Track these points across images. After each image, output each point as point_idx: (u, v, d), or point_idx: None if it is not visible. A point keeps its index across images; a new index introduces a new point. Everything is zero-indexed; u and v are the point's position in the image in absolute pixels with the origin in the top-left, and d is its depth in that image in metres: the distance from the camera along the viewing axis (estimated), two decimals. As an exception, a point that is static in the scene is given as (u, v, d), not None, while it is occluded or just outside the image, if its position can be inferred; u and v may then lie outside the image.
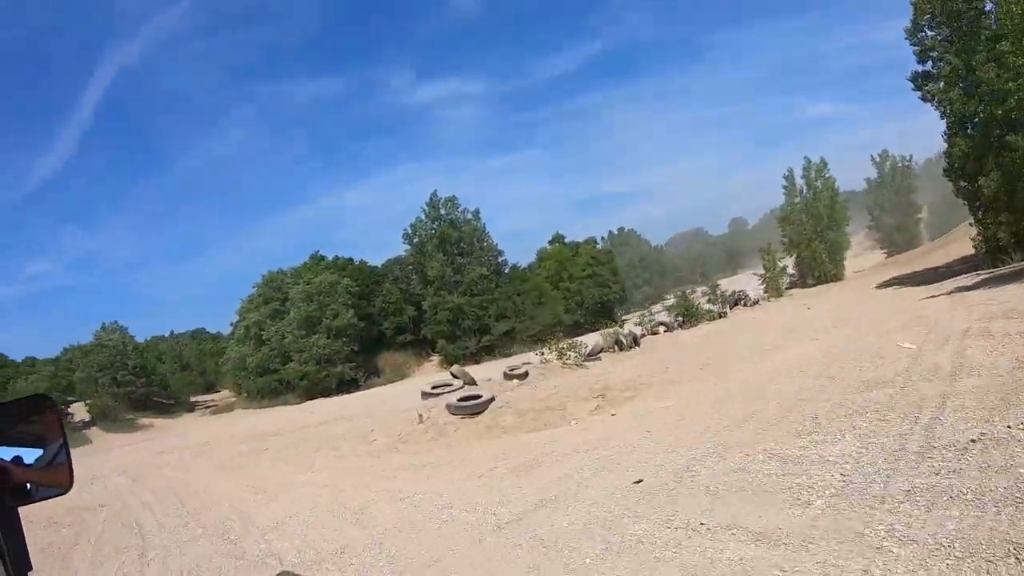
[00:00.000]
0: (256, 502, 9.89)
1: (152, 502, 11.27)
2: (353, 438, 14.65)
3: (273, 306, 41.76)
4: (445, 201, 44.99)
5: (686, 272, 59.75)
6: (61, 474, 1.39)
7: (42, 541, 9.52)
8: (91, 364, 42.21)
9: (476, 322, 43.76)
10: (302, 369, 40.08)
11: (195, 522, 9.27)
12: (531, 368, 17.39)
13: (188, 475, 13.87)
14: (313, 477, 11.23)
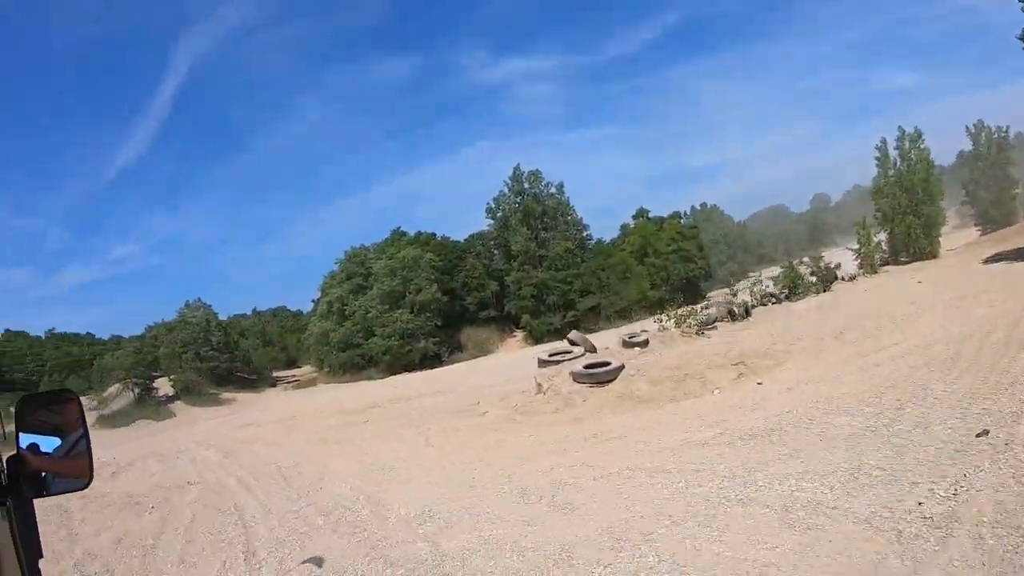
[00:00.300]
0: (380, 481, 8.03)
1: (250, 480, 9.56)
2: (457, 411, 13.24)
3: (356, 281, 40.82)
4: (529, 175, 43.19)
5: (769, 249, 56.64)
6: (79, 466, 1.35)
7: (119, 528, 7.83)
8: (175, 340, 42.17)
9: (561, 297, 41.97)
10: (385, 344, 39.05)
11: (310, 507, 7.43)
12: (650, 336, 15.85)
13: (284, 450, 12.25)
14: (437, 452, 9.54)
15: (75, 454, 1.38)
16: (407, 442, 10.74)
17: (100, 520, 8.18)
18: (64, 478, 1.35)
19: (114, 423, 39.44)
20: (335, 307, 40.44)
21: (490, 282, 42.25)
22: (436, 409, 14.25)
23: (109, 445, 28.69)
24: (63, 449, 1.37)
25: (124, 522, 8.03)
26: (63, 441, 1.38)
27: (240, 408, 38.56)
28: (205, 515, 7.88)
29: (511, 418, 11.25)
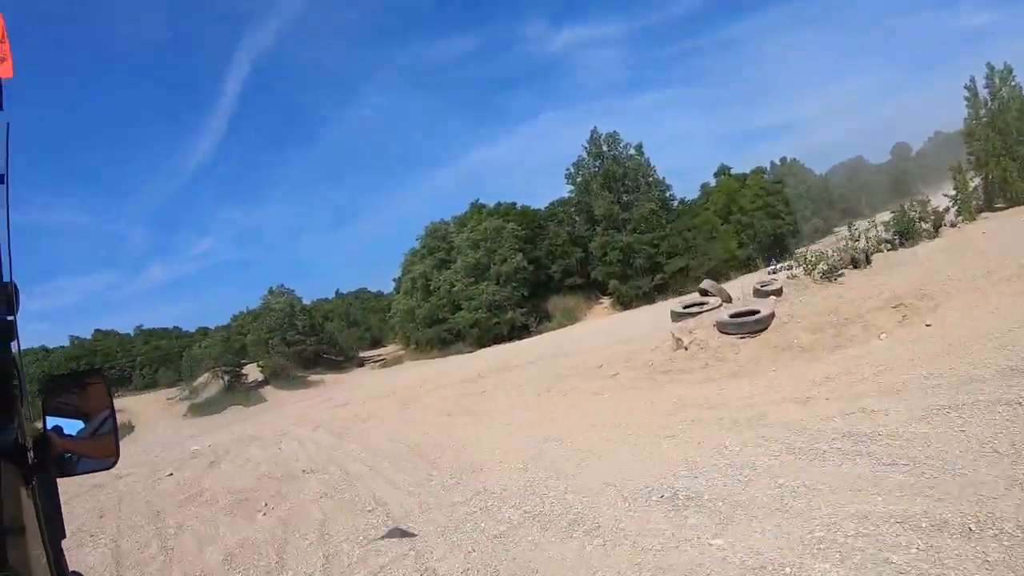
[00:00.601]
0: (556, 458, 6.04)
1: (382, 465, 7.64)
2: (580, 375, 11.84)
3: (439, 256, 40.04)
4: (607, 137, 41.60)
5: (852, 203, 53.65)
6: (105, 446, 1.38)
7: (228, 538, 5.94)
8: (261, 327, 42.20)
9: (648, 260, 40.34)
10: (472, 317, 38.16)
11: (481, 495, 5.42)
12: (782, 285, 14.44)
13: (407, 427, 10.65)
14: (588, 418, 7.78)
15: (100, 434, 1.40)
16: (542, 409, 9.36)
17: (202, 527, 6.48)
18: (90, 458, 1.36)
19: (205, 411, 39.75)
20: (419, 283, 39.74)
21: (574, 249, 40.88)
22: (553, 374, 12.87)
23: (202, 433, 28.22)
24: (88, 430, 1.38)
25: (233, 529, 6.12)
26: (89, 422, 1.39)
27: (329, 389, 38.24)
28: (339, 515, 5.89)
29: (650, 377, 9.98)
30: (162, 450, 19.56)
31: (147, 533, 6.57)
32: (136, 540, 6.42)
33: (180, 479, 9.03)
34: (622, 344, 14.56)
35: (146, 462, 12.82)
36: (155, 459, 13.04)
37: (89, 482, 10.02)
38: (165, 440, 29.26)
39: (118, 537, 6.55)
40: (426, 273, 39.54)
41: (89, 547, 6.39)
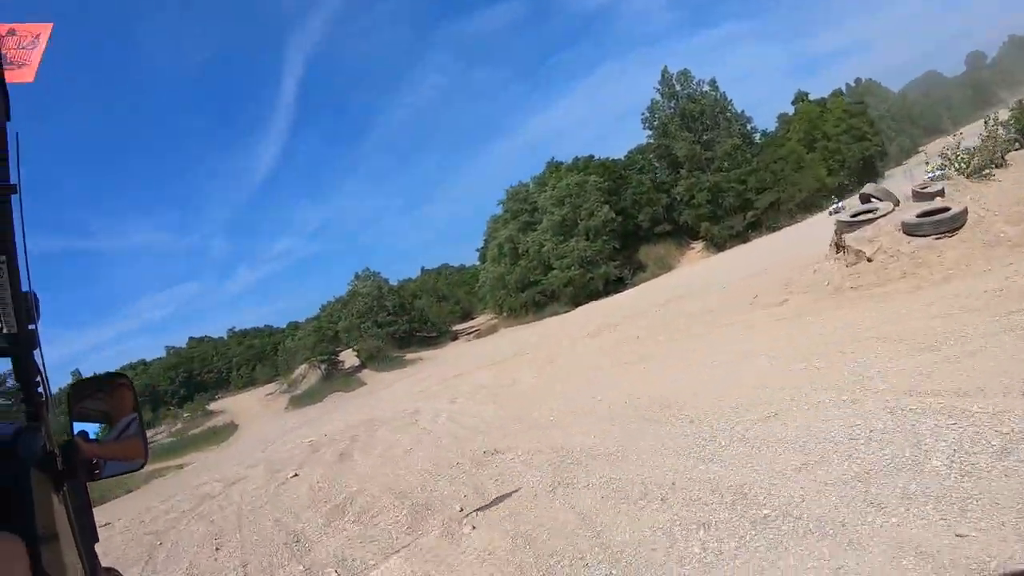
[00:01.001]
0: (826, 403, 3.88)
1: (610, 430, 5.05)
2: (734, 309, 10.42)
3: (523, 219, 39.35)
4: (678, 76, 40.10)
5: (933, 119, 50.88)
6: (133, 448, 1.39)
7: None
8: (351, 312, 42.37)
9: (737, 198, 38.86)
10: (565, 275, 37.40)
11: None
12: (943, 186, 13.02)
13: (578, 381, 8.63)
14: (795, 357, 5.42)
15: (127, 436, 1.40)
16: (729, 344, 7.48)
17: (382, 562, 3.80)
18: (118, 461, 1.36)
19: (305, 402, 40.10)
20: (506, 248, 39.16)
21: (659, 196, 39.68)
22: (700, 312, 11.53)
23: (306, 423, 27.26)
24: (114, 434, 1.39)
25: (446, 566, 3.41)
26: (115, 428, 1.39)
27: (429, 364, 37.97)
28: (619, 515, 3.28)
29: (834, 296, 8.60)
30: (270, 444, 18.32)
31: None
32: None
33: (311, 481, 6.92)
34: (760, 275, 13.35)
35: (260, 460, 11.71)
36: (268, 456, 11.74)
37: (196, 492, 9.22)
38: (270, 434, 29.20)
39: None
40: (512, 237, 38.93)
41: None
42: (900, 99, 49.59)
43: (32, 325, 1.32)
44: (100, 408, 1.41)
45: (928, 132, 49.70)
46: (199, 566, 5.06)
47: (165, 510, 8.60)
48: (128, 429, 1.41)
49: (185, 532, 6.53)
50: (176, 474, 24.79)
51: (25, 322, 1.30)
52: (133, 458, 1.39)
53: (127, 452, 1.39)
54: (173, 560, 5.52)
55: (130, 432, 1.41)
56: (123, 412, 1.42)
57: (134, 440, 1.41)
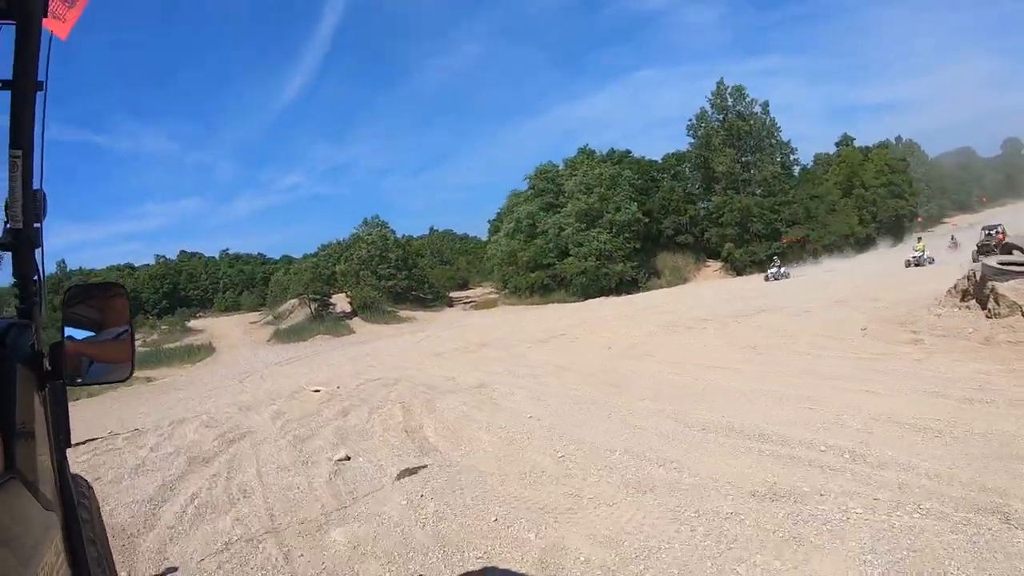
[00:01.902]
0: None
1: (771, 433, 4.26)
2: (837, 337, 8.90)
3: (547, 199, 38.35)
4: (732, 90, 39.30)
5: (963, 193, 50.69)
6: (121, 354, 1.36)
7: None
8: (352, 257, 41.09)
9: (766, 226, 38.14)
10: (581, 265, 36.43)
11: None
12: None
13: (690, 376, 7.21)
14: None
15: (117, 341, 1.37)
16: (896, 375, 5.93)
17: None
18: (104, 364, 1.33)
19: (290, 338, 38.65)
20: (524, 224, 38.12)
21: (688, 206, 38.87)
22: (797, 332, 9.87)
23: (291, 360, 25.84)
24: (104, 338, 1.36)
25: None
26: (106, 334, 1.36)
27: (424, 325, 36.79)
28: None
29: (988, 348, 6.83)
30: (259, 380, 16.75)
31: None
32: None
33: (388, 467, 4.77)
34: (836, 307, 12.24)
35: (249, 404, 9.33)
36: (269, 407, 8.55)
37: (185, 454, 5.98)
38: (252, 365, 28.02)
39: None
40: (533, 214, 37.90)
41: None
42: (936, 167, 49.29)
43: (37, 224, 1.32)
44: (92, 315, 1.36)
45: (956, 205, 49.53)
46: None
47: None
48: (119, 337, 1.36)
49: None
50: (143, 387, 23.06)
51: (31, 220, 1.29)
52: (120, 363, 1.35)
53: (114, 357, 1.35)
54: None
55: (119, 341, 1.36)
56: (115, 322, 1.37)
57: (123, 347, 1.36)
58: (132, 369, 1.37)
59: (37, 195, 1.30)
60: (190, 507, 4.30)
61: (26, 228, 1.28)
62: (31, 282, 1.31)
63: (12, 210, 1.27)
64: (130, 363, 1.36)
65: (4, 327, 1.15)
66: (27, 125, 1.27)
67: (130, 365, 1.36)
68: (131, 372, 1.37)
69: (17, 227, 1.28)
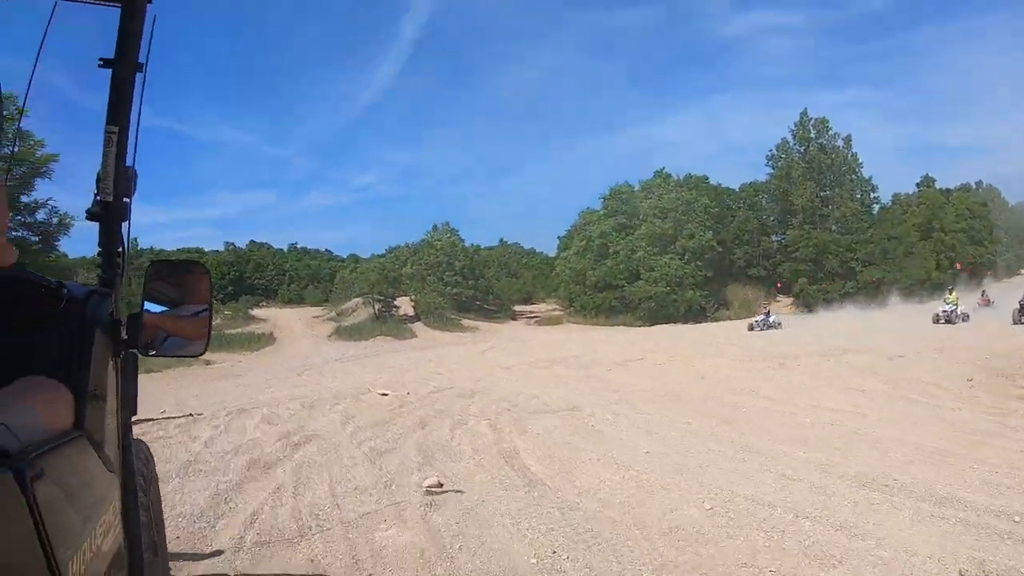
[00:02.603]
0: None
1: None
2: (934, 384, 8.47)
3: (620, 220, 38.28)
4: (816, 122, 38.69)
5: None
6: (197, 330, 1.39)
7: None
8: (420, 262, 41.56)
9: (841, 265, 37.51)
10: (650, 289, 36.30)
11: None
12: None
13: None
14: None
15: (194, 318, 1.40)
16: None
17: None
18: (179, 339, 1.37)
19: (352, 336, 39.26)
20: (595, 244, 38.12)
21: (762, 238, 38.44)
22: (905, 376, 9.30)
23: (350, 358, 25.56)
24: (182, 313, 1.40)
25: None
26: (184, 309, 1.40)
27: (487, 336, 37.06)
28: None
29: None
30: (319, 375, 16.61)
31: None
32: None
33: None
34: (933, 355, 11.33)
35: (313, 402, 8.95)
36: (335, 407, 8.34)
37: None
38: (311, 360, 28.41)
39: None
40: (605, 234, 37.88)
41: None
42: (1017, 214, 47.73)
43: (127, 199, 1.37)
44: (172, 292, 1.39)
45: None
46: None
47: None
48: (196, 316, 1.38)
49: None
50: (201, 369, 23.25)
51: (122, 194, 1.35)
52: (195, 339, 1.37)
53: (190, 333, 1.37)
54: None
55: (197, 318, 1.38)
56: (195, 300, 1.40)
57: (200, 324, 1.38)
58: (206, 347, 1.40)
59: (128, 171, 1.36)
60: (250, 532, 3.65)
61: (116, 201, 1.34)
62: (115, 253, 1.36)
63: (104, 183, 1.32)
64: (205, 341, 1.39)
65: (85, 293, 1.19)
66: (124, 104, 1.34)
67: (205, 343, 1.39)
68: (204, 349, 1.40)
69: (108, 200, 1.33)
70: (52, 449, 0.82)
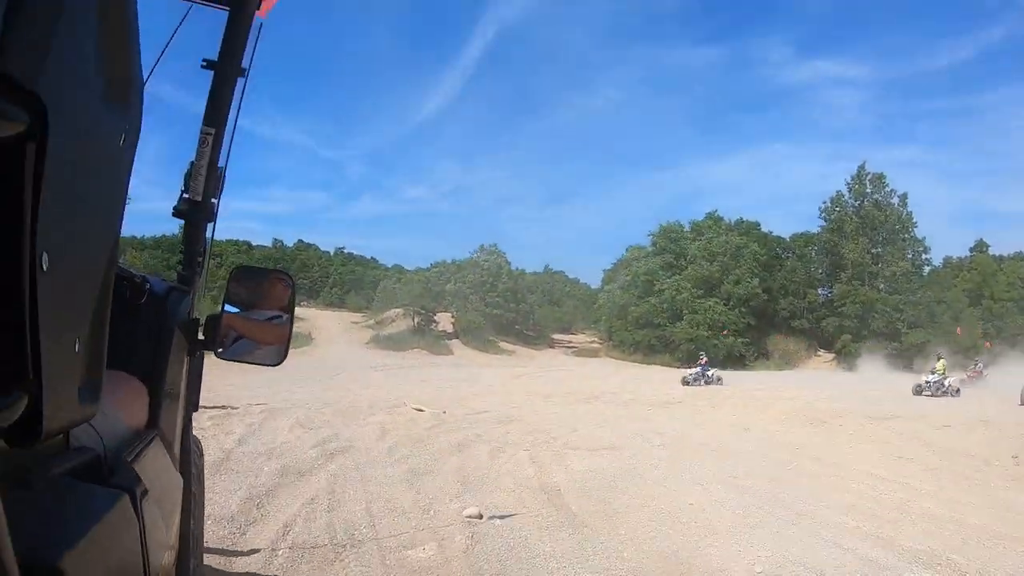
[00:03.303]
0: None
1: None
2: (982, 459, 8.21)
3: (667, 258, 38.47)
4: (873, 177, 38.47)
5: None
6: (276, 337, 1.36)
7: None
8: (464, 279, 42.18)
9: (887, 324, 37.20)
10: (692, 332, 36.41)
11: None
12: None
13: None
14: None
15: (273, 325, 1.35)
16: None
17: None
18: (255, 344, 1.33)
19: (388, 345, 40.01)
20: (640, 280, 38.36)
21: (809, 290, 38.32)
22: (955, 449, 9.09)
23: (387, 366, 25.74)
24: (262, 318, 1.36)
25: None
26: (263, 314, 1.36)
27: (524, 361, 37.45)
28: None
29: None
30: (352, 381, 16.80)
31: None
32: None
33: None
34: (980, 429, 10.91)
35: (346, 409, 9.09)
36: (370, 418, 8.54)
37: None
38: (344, 364, 28.86)
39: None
40: (652, 272, 38.10)
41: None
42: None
43: (214, 199, 1.36)
44: (253, 298, 1.39)
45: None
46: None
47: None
48: (275, 322, 1.38)
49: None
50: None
51: (211, 194, 1.33)
52: (272, 344, 1.36)
53: (268, 339, 1.36)
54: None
55: (276, 324, 1.37)
56: (276, 308, 1.40)
57: (279, 331, 1.36)
58: (284, 355, 1.37)
59: (220, 173, 1.36)
60: (283, 545, 3.59)
61: (204, 201, 1.33)
62: (198, 252, 1.36)
63: (194, 182, 1.32)
64: (284, 348, 1.37)
65: (165, 290, 1.18)
66: (224, 106, 1.34)
67: (283, 351, 1.37)
68: (283, 358, 1.37)
69: (196, 199, 1.32)
70: (139, 454, 0.80)
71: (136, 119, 0.55)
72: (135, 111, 0.55)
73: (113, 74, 0.47)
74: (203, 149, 1.32)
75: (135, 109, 0.55)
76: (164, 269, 4.39)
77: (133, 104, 0.54)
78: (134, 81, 0.54)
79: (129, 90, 0.53)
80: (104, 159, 0.49)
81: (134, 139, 0.55)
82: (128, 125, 0.53)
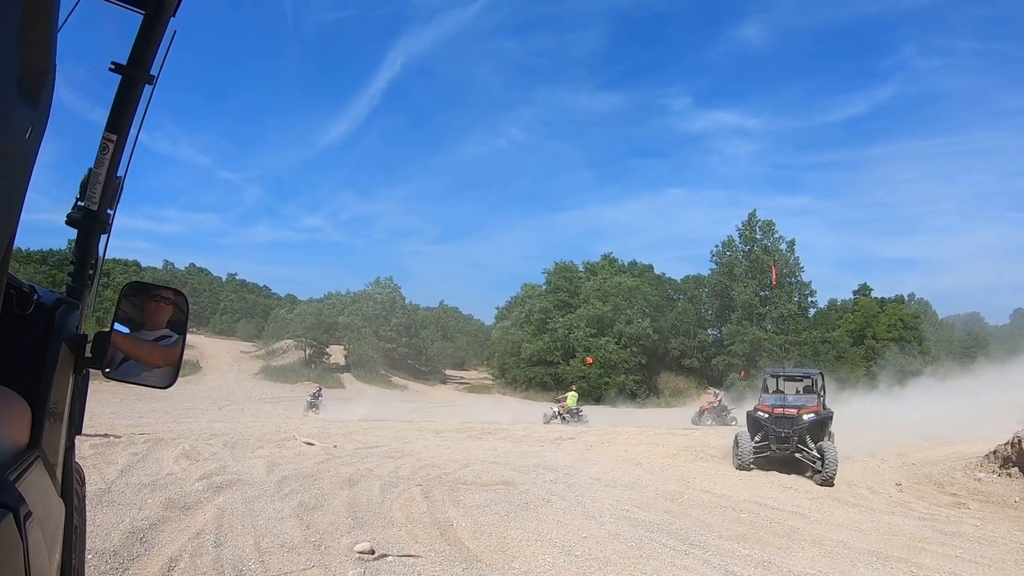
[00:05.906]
0: None
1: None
2: (867, 488, 9.22)
3: (561, 297, 38.16)
4: (762, 224, 39.53)
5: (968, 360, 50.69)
6: (166, 359, 1.32)
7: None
8: (357, 312, 40.65)
9: (775, 362, 37.93)
10: (584, 369, 36.07)
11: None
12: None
13: None
14: None
15: (164, 346, 1.31)
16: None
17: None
18: (144, 366, 1.29)
19: (279, 376, 38.01)
20: (535, 318, 37.85)
21: (699, 331, 38.74)
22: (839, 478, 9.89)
23: (276, 398, 24.68)
24: (152, 338, 1.31)
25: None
26: (155, 334, 1.32)
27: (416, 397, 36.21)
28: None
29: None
30: (240, 412, 16.40)
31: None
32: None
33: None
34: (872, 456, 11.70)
35: (235, 441, 9.20)
36: (258, 451, 8.70)
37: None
38: (233, 395, 27.30)
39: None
40: (546, 310, 37.65)
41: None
42: (946, 329, 49.41)
43: (110, 210, 1.30)
44: (144, 316, 1.33)
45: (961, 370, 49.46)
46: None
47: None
48: (167, 343, 1.32)
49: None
50: (119, 386, 22.18)
51: (107, 204, 1.28)
52: (161, 366, 1.30)
53: (158, 361, 1.30)
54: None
55: (167, 346, 1.31)
56: (173, 327, 1.34)
57: (169, 353, 1.31)
58: (174, 378, 1.32)
59: (119, 182, 1.30)
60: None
61: (100, 211, 1.26)
62: (89, 265, 1.29)
63: (91, 190, 1.25)
64: (173, 371, 1.31)
65: (54, 301, 1.10)
66: (129, 113, 1.25)
67: (174, 373, 1.31)
68: (173, 381, 1.32)
69: (92, 208, 1.25)
70: (21, 474, 0.73)
71: (45, 113, 0.54)
72: (44, 105, 0.53)
73: (29, 63, 0.46)
74: (103, 156, 1.25)
75: (45, 103, 0.53)
76: (49, 286, 3.65)
77: (44, 98, 0.53)
78: (48, 73, 0.53)
79: (43, 82, 0.52)
80: (8, 152, 0.47)
81: (39, 135, 0.54)
82: (37, 119, 0.51)
